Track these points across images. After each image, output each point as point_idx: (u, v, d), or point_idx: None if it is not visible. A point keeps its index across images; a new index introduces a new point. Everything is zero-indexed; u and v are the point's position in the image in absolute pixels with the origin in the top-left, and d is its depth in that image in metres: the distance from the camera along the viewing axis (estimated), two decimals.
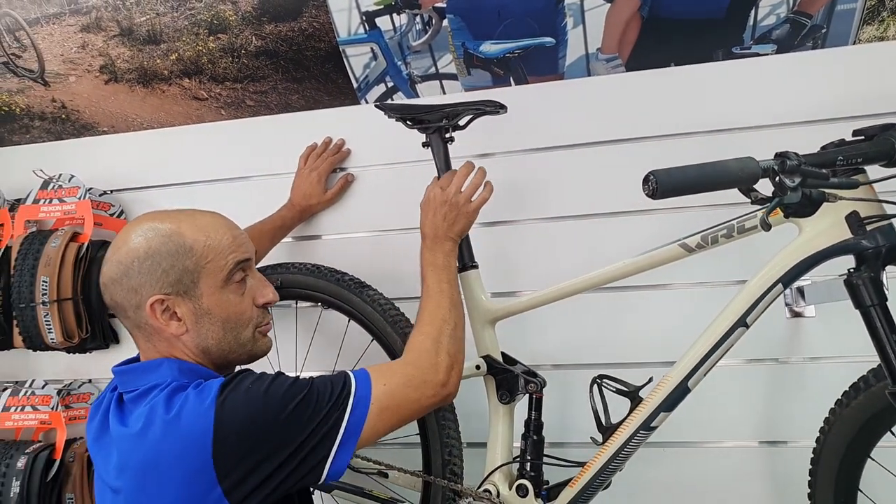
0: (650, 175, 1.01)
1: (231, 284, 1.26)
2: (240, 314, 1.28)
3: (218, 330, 1.26)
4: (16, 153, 2.37)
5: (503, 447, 1.59)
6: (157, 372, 1.22)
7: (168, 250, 1.22)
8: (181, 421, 1.11)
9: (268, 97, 2.11)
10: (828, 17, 1.73)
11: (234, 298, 1.27)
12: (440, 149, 1.67)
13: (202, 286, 1.23)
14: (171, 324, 1.23)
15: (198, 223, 1.26)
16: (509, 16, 1.84)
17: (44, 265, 2.03)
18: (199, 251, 1.23)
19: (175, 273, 1.22)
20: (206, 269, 1.23)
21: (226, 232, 1.27)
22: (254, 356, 1.33)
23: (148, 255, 1.21)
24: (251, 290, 1.30)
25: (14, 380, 2.22)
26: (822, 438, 1.39)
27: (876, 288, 1.19)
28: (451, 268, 1.50)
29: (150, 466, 1.12)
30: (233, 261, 1.25)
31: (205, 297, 1.24)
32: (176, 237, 1.23)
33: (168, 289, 1.22)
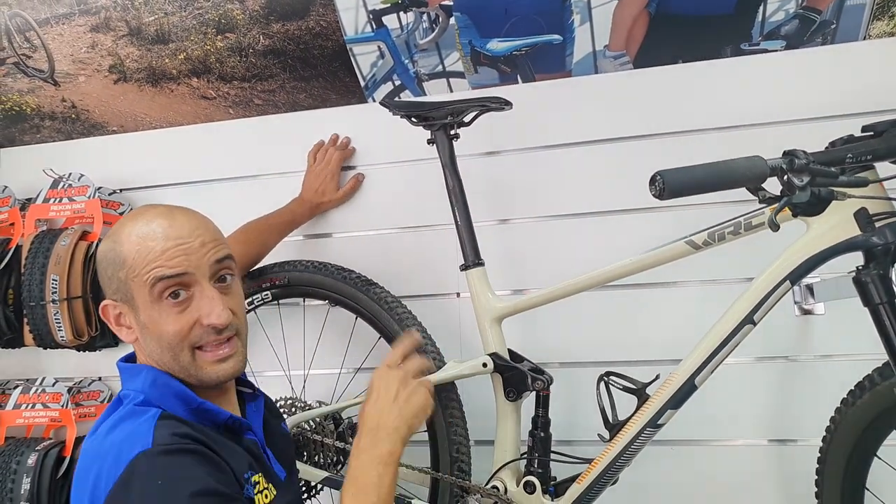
0: (657, 175, 1.01)
1: (164, 300, 1.14)
2: (172, 334, 1.14)
3: (156, 345, 1.16)
4: (26, 153, 2.39)
5: (511, 444, 1.59)
6: (136, 379, 1.17)
7: (110, 258, 1.17)
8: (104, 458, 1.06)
9: (276, 96, 2.12)
10: (837, 13, 1.73)
11: (168, 316, 1.14)
12: (445, 146, 1.67)
13: (137, 299, 1.15)
14: (122, 330, 1.19)
15: (143, 230, 1.16)
16: (516, 13, 1.84)
17: (54, 264, 2.04)
18: (129, 263, 1.14)
19: (115, 281, 1.17)
20: (135, 282, 1.14)
21: (159, 242, 1.14)
22: (201, 382, 1.18)
23: (101, 260, 1.19)
24: (196, 308, 1.15)
25: (25, 377, 2.24)
26: (828, 437, 1.39)
27: (885, 285, 1.19)
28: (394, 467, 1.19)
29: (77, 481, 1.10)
30: (153, 276, 1.12)
31: (141, 311, 1.15)
32: (117, 245, 1.16)
33: (115, 295, 1.18)
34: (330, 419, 1.80)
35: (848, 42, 1.76)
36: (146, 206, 1.25)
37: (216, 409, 1.18)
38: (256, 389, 1.38)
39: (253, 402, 1.34)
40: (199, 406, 1.16)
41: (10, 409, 2.14)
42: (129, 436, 1.06)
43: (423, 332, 1.73)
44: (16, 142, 2.40)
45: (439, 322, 1.85)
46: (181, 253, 1.14)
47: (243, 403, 1.33)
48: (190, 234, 1.17)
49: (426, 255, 1.99)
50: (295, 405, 1.83)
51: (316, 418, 1.80)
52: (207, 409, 1.17)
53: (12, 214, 2.22)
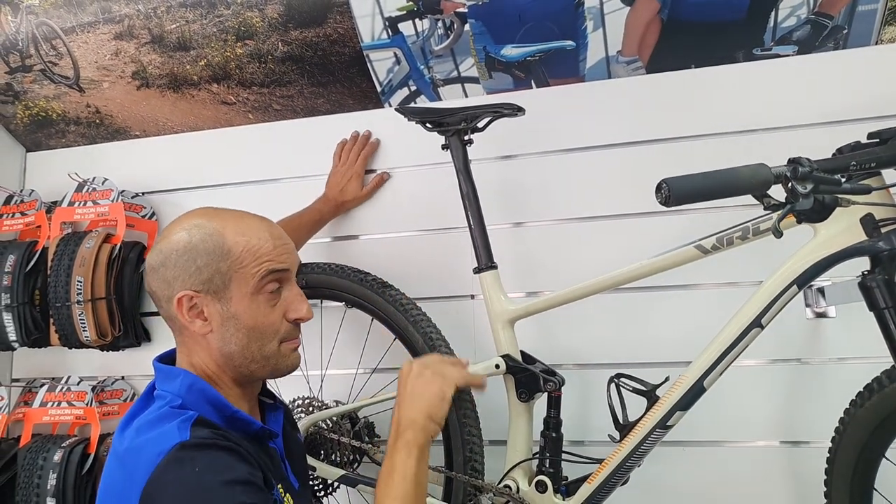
0: (663, 183, 1.03)
1: (262, 293, 1.22)
2: (267, 325, 1.23)
3: (242, 337, 1.21)
4: (52, 157, 2.45)
5: (523, 444, 1.61)
6: (173, 382, 1.20)
7: (206, 248, 1.19)
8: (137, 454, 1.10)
9: (294, 101, 2.16)
10: (849, 18, 1.74)
11: (264, 308, 1.22)
12: (459, 151, 1.70)
13: (233, 290, 1.20)
14: (196, 322, 1.21)
15: (242, 226, 1.23)
16: (530, 20, 1.86)
17: (78, 265, 2.09)
18: (235, 254, 1.20)
19: (208, 272, 1.19)
20: (240, 273, 1.20)
21: (268, 239, 1.23)
22: (278, 372, 1.27)
23: (186, 250, 1.20)
24: (285, 302, 1.25)
25: (51, 376, 2.28)
26: (837, 439, 1.39)
27: (890, 290, 1.20)
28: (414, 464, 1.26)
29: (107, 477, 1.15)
30: (266, 269, 1.21)
31: (234, 302, 1.20)
32: (217, 236, 1.20)
33: (199, 286, 1.20)
34: (346, 418, 1.83)
35: (860, 47, 1.77)
36: (219, 208, 1.29)
37: (249, 418, 1.22)
38: (278, 401, 1.41)
39: (273, 413, 1.37)
40: (232, 414, 1.20)
41: (37, 407, 2.18)
42: (167, 432, 1.10)
43: (438, 334, 1.75)
44: (42, 146, 2.45)
45: (454, 324, 1.87)
46: (286, 251, 1.26)
47: (263, 413, 1.36)
48: (286, 237, 1.29)
49: (441, 258, 2.01)
50: (312, 404, 1.87)
51: (333, 417, 1.83)
52: (241, 417, 1.21)
53: (39, 217, 2.27)
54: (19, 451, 2.13)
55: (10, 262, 2.18)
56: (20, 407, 2.25)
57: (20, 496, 2.07)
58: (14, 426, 2.26)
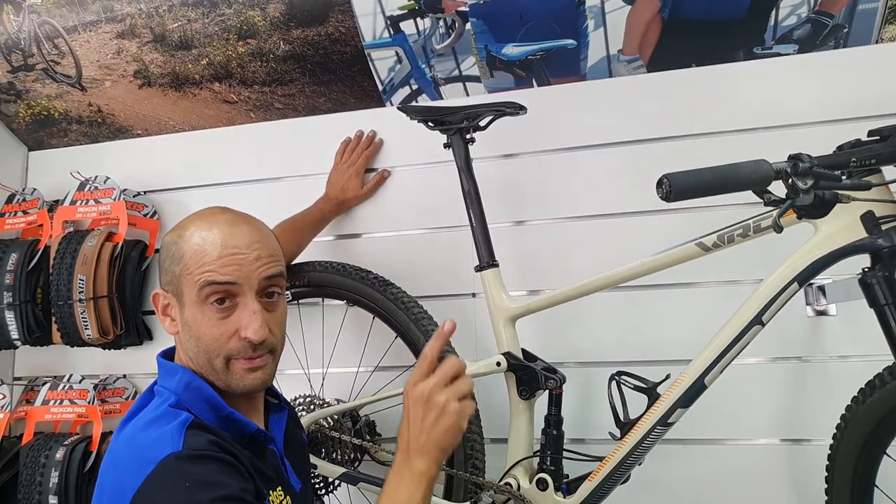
0: (664, 178, 1.03)
1: (206, 304, 1.17)
2: (210, 339, 1.17)
3: (194, 345, 1.19)
4: (54, 156, 2.45)
5: (524, 442, 1.61)
6: (172, 379, 1.20)
7: (169, 251, 1.21)
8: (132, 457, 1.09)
9: (296, 100, 2.16)
10: (850, 17, 1.74)
11: (209, 321, 1.17)
12: (461, 149, 1.70)
13: (185, 296, 1.19)
14: (166, 320, 1.23)
15: (204, 232, 1.20)
16: (531, 18, 1.87)
17: (80, 264, 2.09)
18: (185, 260, 1.18)
19: (170, 273, 1.21)
20: (187, 279, 1.18)
21: (217, 248, 1.17)
22: (229, 388, 1.20)
23: (162, 250, 1.24)
24: (237, 319, 1.17)
25: (53, 374, 2.29)
26: (838, 436, 1.40)
27: (890, 287, 1.20)
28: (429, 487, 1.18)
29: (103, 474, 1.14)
30: (204, 280, 1.16)
31: (187, 308, 1.19)
32: (181, 240, 1.20)
33: (167, 286, 1.22)
34: (348, 416, 1.84)
35: (860, 46, 1.77)
36: (216, 209, 1.27)
37: (244, 420, 1.21)
38: (283, 401, 1.41)
39: (277, 414, 1.37)
40: (228, 415, 1.19)
41: (39, 405, 2.19)
42: (160, 438, 1.09)
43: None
44: (44, 145, 2.46)
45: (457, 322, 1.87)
46: (234, 263, 1.17)
47: (267, 413, 1.36)
48: (248, 247, 1.19)
49: (443, 256, 2.01)
50: (314, 402, 1.87)
51: (334, 415, 1.83)
52: (236, 419, 1.20)
53: (41, 216, 2.27)
54: (21, 450, 2.13)
55: (13, 261, 2.18)
56: (22, 405, 2.25)
57: (22, 494, 2.07)
58: (16, 424, 2.27)
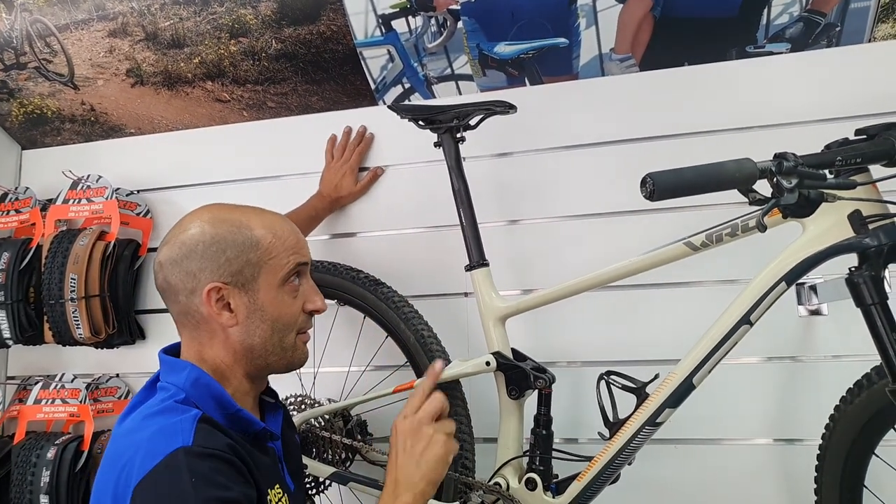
0: (647, 177, 1.03)
1: (287, 285, 1.25)
2: (289, 316, 1.25)
3: (266, 329, 1.23)
4: (47, 154, 2.45)
5: (513, 441, 1.61)
6: (178, 375, 1.20)
7: (235, 240, 1.21)
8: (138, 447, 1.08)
9: (288, 99, 2.16)
10: (842, 16, 1.73)
11: (288, 300, 1.25)
12: (451, 148, 1.70)
13: (261, 282, 1.22)
14: (224, 314, 1.21)
15: (266, 220, 1.26)
16: (523, 17, 1.86)
17: (72, 263, 2.09)
18: (264, 246, 1.22)
19: (238, 263, 1.20)
20: (269, 265, 1.22)
21: (291, 233, 1.27)
22: (291, 365, 1.30)
23: (214, 241, 1.20)
24: (303, 294, 1.28)
25: (45, 373, 2.29)
26: (827, 436, 1.40)
27: (877, 286, 1.20)
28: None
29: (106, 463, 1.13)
30: (294, 261, 1.25)
31: (261, 293, 1.22)
32: (245, 229, 1.22)
33: (228, 278, 1.20)
34: (339, 416, 1.83)
35: (853, 44, 1.77)
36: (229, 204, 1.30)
37: (252, 417, 1.22)
38: (278, 401, 1.42)
39: (273, 413, 1.37)
40: (235, 412, 1.20)
41: (31, 404, 2.18)
42: (169, 429, 1.09)
43: (430, 331, 1.76)
44: (37, 144, 2.46)
45: (447, 321, 1.87)
46: (305, 245, 1.31)
47: (263, 412, 1.36)
48: (299, 232, 1.32)
49: (435, 256, 2.01)
50: (305, 402, 1.87)
51: (325, 415, 1.83)
52: (243, 416, 1.21)
53: (33, 215, 2.27)
54: (13, 449, 2.13)
55: (5, 260, 2.18)
56: (14, 404, 2.25)
57: (14, 493, 2.07)
58: (8, 423, 2.27)
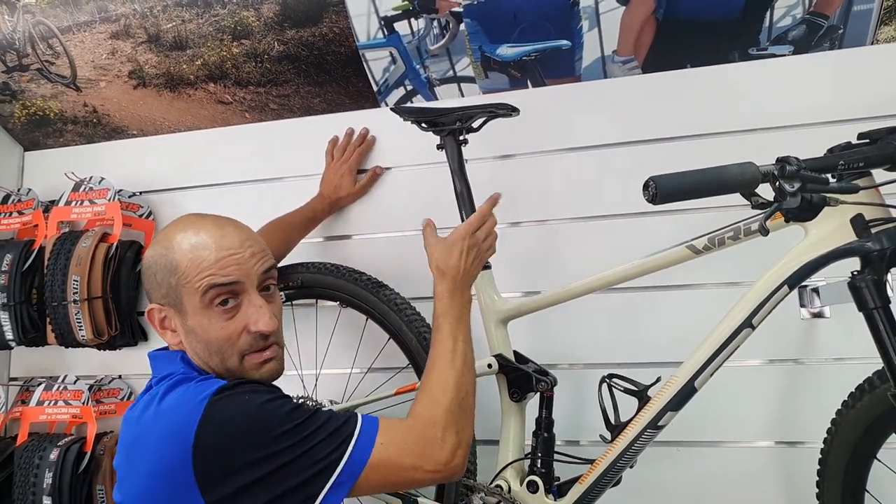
0: (650, 181, 1.03)
1: (213, 308, 1.20)
2: (222, 339, 1.21)
3: (203, 350, 1.22)
4: (50, 156, 2.46)
5: (514, 444, 1.61)
6: (174, 362, 1.23)
7: (160, 264, 1.23)
8: (171, 411, 1.12)
9: (290, 101, 2.16)
10: (845, 18, 1.73)
11: (217, 322, 1.20)
12: (454, 151, 1.70)
13: (186, 304, 1.21)
14: (167, 333, 1.26)
15: (194, 239, 1.22)
16: (525, 19, 1.86)
17: (75, 265, 2.09)
18: (181, 270, 1.20)
19: (164, 287, 1.22)
20: (186, 288, 1.20)
21: (211, 251, 1.21)
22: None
23: (150, 264, 1.25)
24: (244, 315, 1.22)
25: (48, 375, 2.30)
26: (829, 439, 1.39)
27: (879, 290, 1.19)
28: (467, 321, 1.39)
29: (135, 447, 1.14)
30: (206, 283, 1.19)
31: (189, 316, 1.21)
32: (168, 252, 1.22)
33: (162, 300, 1.24)
34: None
35: (855, 47, 1.77)
36: (194, 216, 1.30)
37: None
38: None
39: None
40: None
41: (34, 406, 2.19)
42: (197, 387, 1.14)
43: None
44: (40, 145, 2.46)
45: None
46: (233, 263, 1.21)
47: None
48: (241, 245, 1.24)
49: None
50: (307, 404, 1.86)
51: None
52: None
53: (36, 216, 2.27)
54: (16, 450, 2.13)
55: (7, 262, 2.18)
56: (17, 406, 2.26)
57: (17, 494, 2.07)
58: (11, 425, 2.28)
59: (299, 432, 1.11)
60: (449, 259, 1.40)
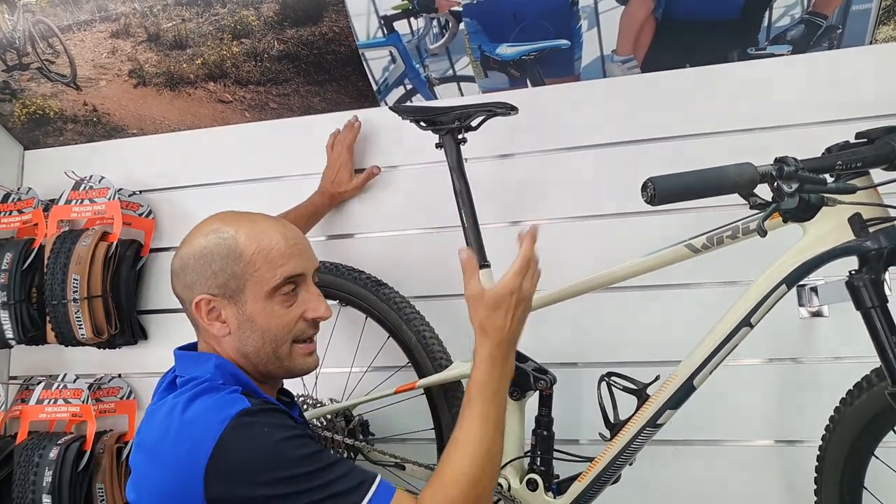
0: (648, 182, 1.03)
1: (277, 296, 1.24)
2: (281, 327, 1.24)
3: (257, 339, 1.24)
4: (49, 155, 2.46)
5: (514, 442, 1.61)
6: (204, 365, 1.23)
7: (220, 253, 1.22)
8: (192, 424, 1.12)
9: (290, 100, 2.16)
10: (843, 18, 1.74)
11: (279, 310, 1.24)
12: (453, 150, 1.70)
13: (248, 293, 1.22)
14: (215, 324, 1.24)
15: (255, 229, 1.25)
16: (525, 18, 1.87)
17: (75, 263, 2.10)
18: (247, 258, 1.22)
19: (223, 276, 1.22)
20: (254, 277, 1.22)
21: (280, 242, 1.25)
22: (291, 373, 1.30)
23: (202, 255, 1.23)
24: (302, 303, 1.27)
25: (48, 374, 2.29)
26: (827, 437, 1.40)
27: (877, 289, 1.19)
28: (503, 397, 1.28)
29: (153, 453, 1.15)
30: (281, 275, 1.23)
31: (249, 304, 1.23)
32: (230, 240, 1.23)
33: (215, 290, 1.23)
34: (341, 416, 1.84)
35: (854, 47, 1.77)
36: (236, 212, 1.31)
37: (280, 406, 1.24)
38: (293, 400, 1.43)
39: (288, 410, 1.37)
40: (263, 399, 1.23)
41: (34, 405, 2.19)
42: (222, 401, 1.14)
43: (432, 332, 1.76)
44: (39, 144, 2.46)
45: (449, 322, 1.87)
46: (298, 254, 1.27)
47: None
48: (301, 239, 1.31)
49: (436, 257, 2.01)
50: (307, 402, 1.87)
51: (327, 415, 1.84)
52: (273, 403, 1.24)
53: (36, 215, 2.27)
54: (16, 449, 2.14)
55: (7, 260, 2.19)
56: (17, 404, 2.26)
57: (16, 493, 2.08)
58: (11, 423, 2.28)
59: (312, 479, 1.09)
60: (495, 318, 1.25)
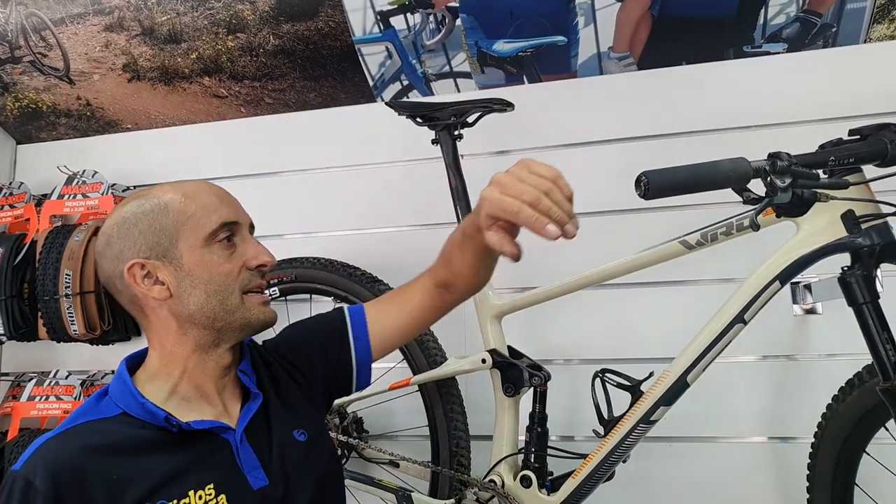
0: (642, 176, 1.03)
1: (214, 244, 1.16)
2: (224, 275, 1.16)
3: (200, 294, 1.15)
4: (42, 150, 2.45)
5: (508, 439, 1.61)
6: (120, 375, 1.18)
7: (143, 211, 1.15)
8: None
9: (286, 95, 2.16)
10: (838, 16, 1.74)
11: (218, 259, 1.16)
12: (449, 146, 1.70)
13: (181, 246, 1.15)
14: (154, 289, 1.15)
15: (181, 186, 1.19)
16: (521, 15, 1.86)
17: (67, 259, 2.09)
18: (176, 207, 1.15)
19: (152, 234, 1.15)
20: (187, 225, 1.15)
21: (210, 193, 1.19)
22: (250, 325, 1.20)
23: (125, 219, 1.16)
24: (242, 253, 1.19)
25: (39, 370, 2.29)
26: (819, 434, 1.40)
27: (868, 286, 1.20)
28: None
29: None
30: (216, 220, 1.16)
31: (185, 257, 1.15)
32: (152, 199, 1.17)
33: (146, 252, 1.14)
34: (335, 413, 1.84)
35: (848, 45, 1.78)
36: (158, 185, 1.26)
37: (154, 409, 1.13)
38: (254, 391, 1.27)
39: (252, 401, 1.25)
40: (142, 403, 1.13)
41: (25, 401, 2.18)
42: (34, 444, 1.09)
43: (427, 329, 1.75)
44: (32, 139, 2.45)
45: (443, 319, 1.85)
46: (229, 204, 1.20)
47: (246, 399, 1.25)
48: (230, 194, 1.23)
49: (432, 253, 1.99)
50: None
51: None
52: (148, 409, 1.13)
53: (28, 210, 2.26)
54: (7, 446, 2.13)
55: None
56: (8, 401, 2.25)
57: None
58: (2, 420, 2.26)
59: None
60: None
